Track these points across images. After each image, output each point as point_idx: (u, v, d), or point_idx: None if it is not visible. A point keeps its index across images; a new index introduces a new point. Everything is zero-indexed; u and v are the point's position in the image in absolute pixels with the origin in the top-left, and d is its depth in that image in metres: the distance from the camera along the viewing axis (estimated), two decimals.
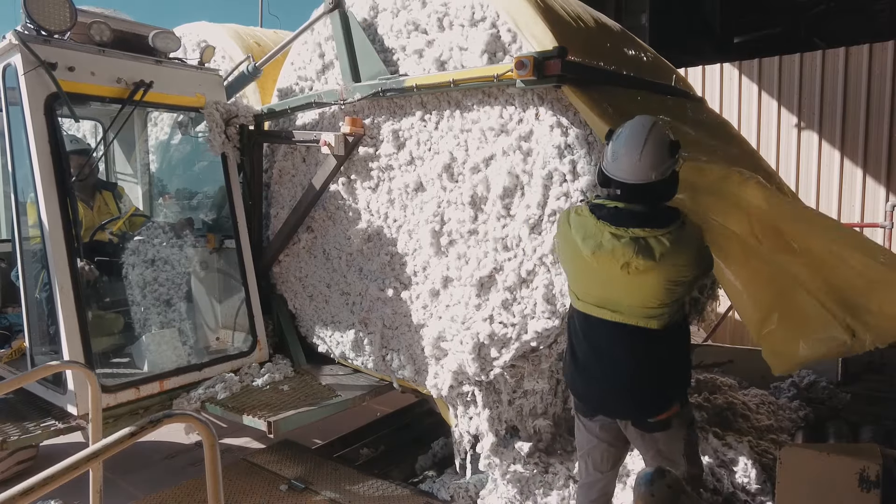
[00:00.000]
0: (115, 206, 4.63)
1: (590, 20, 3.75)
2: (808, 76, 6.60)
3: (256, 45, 5.28)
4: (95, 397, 2.92)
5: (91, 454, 1.73)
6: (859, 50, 6.27)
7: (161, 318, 4.30)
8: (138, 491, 3.95)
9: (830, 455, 2.47)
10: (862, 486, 2.36)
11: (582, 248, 2.43)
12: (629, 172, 2.40)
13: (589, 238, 2.41)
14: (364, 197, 4.04)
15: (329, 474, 3.83)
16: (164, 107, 4.53)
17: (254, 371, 4.31)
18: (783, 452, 2.56)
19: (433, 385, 3.68)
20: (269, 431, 3.53)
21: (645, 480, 2.63)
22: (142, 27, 4.25)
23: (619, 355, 2.54)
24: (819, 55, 6.49)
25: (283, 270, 4.67)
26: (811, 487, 2.47)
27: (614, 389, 2.59)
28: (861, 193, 6.44)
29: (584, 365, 2.64)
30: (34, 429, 3.56)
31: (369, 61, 3.82)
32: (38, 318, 3.97)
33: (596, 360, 2.60)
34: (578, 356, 2.66)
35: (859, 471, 2.37)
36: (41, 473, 1.60)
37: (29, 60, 3.56)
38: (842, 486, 2.39)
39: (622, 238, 2.35)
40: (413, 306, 3.81)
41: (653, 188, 2.40)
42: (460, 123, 3.50)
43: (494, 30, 3.32)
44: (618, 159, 2.42)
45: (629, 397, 2.58)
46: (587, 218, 2.46)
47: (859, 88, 6.29)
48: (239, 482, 3.72)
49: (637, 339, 2.48)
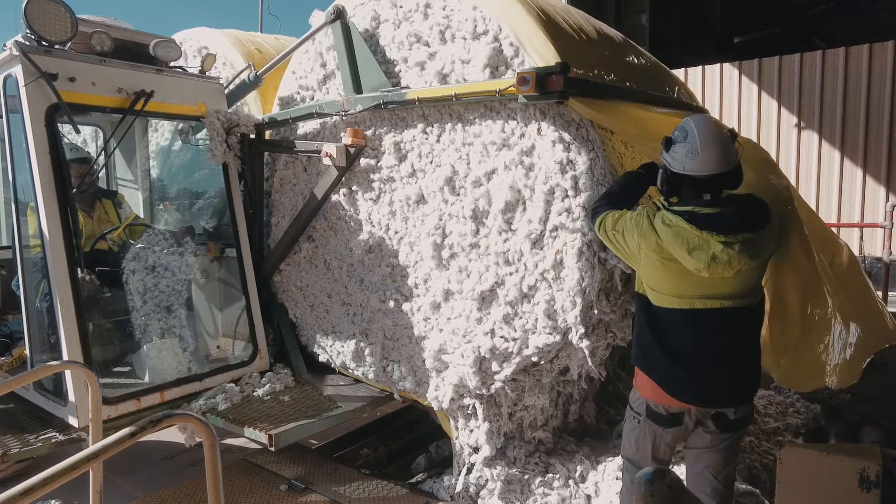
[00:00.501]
0: (115, 214, 4.63)
1: (592, 31, 3.74)
2: (808, 76, 6.60)
3: (258, 51, 5.27)
4: (95, 398, 2.92)
5: (91, 454, 1.73)
6: (859, 50, 6.26)
7: (161, 327, 4.30)
8: (138, 491, 3.95)
9: (830, 455, 2.49)
10: (862, 486, 2.38)
11: (690, 261, 2.38)
12: (716, 163, 2.41)
13: (697, 251, 2.36)
14: (365, 208, 4.03)
15: (329, 474, 3.84)
16: (165, 116, 4.52)
17: (254, 381, 4.31)
18: (783, 452, 2.57)
19: (434, 397, 3.68)
20: (269, 444, 3.53)
21: (645, 480, 2.65)
22: (143, 36, 4.24)
23: (732, 339, 2.56)
24: (819, 55, 6.49)
25: (284, 279, 4.66)
26: (811, 487, 2.49)
27: (731, 374, 2.57)
28: (861, 193, 6.45)
29: (692, 360, 2.55)
30: (35, 441, 3.55)
31: (371, 72, 3.81)
32: (38, 327, 3.97)
33: (707, 352, 2.55)
34: (682, 353, 2.56)
35: (859, 471, 2.38)
36: (41, 473, 1.60)
37: (30, 72, 3.55)
38: (842, 486, 2.41)
39: (734, 245, 2.34)
40: (414, 318, 3.81)
41: (736, 175, 2.48)
42: (462, 137, 3.49)
43: (497, 44, 3.31)
44: (698, 155, 2.42)
45: (746, 378, 2.62)
46: (685, 229, 2.38)
47: (859, 88, 6.29)
48: (239, 482, 3.73)
49: (747, 320, 2.57)
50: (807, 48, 6.93)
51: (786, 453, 2.57)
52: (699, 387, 2.56)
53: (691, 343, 2.56)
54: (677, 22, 11.00)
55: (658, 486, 2.58)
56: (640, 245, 2.52)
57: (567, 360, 3.29)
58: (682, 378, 2.57)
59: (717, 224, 2.36)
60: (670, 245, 2.41)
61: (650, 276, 2.59)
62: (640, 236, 2.50)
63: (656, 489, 2.57)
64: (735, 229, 2.36)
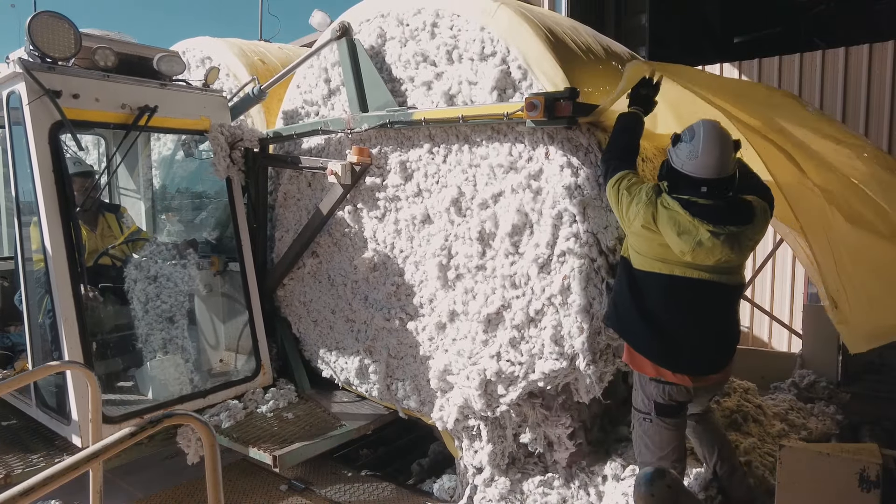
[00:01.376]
0: (118, 228, 4.60)
1: (600, 51, 3.72)
2: (808, 76, 6.55)
3: (261, 62, 5.24)
4: (95, 398, 2.92)
5: (91, 454, 1.73)
6: (859, 50, 6.22)
7: (165, 342, 4.27)
8: (138, 491, 3.93)
9: (830, 455, 2.49)
10: (862, 486, 2.38)
11: (677, 243, 2.59)
12: (714, 168, 2.59)
13: (685, 234, 2.57)
14: (370, 226, 4.01)
15: (329, 474, 3.86)
16: (168, 131, 4.50)
17: (258, 397, 4.30)
18: (783, 452, 2.56)
19: (439, 417, 3.67)
20: (274, 465, 3.52)
21: (645, 480, 2.65)
22: (146, 49, 4.20)
23: (707, 309, 2.75)
24: (819, 55, 6.45)
25: (288, 294, 4.65)
26: (811, 487, 2.49)
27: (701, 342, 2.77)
28: None
29: (665, 324, 2.76)
30: (38, 461, 3.54)
31: (377, 91, 3.79)
32: (41, 342, 3.95)
33: (681, 318, 2.75)
34: (657, 317, 2.77)
35: (859, 471, 2.39)
36: (41, 473, 1.60)
37: (33, 89, 3.52)
38: (842, 486, 2.41)
39: (720, 235, 2.55)
40: (419, 337, 3.80)
41: (733, 180, 2.65)
42: (469, 158, 3.47)
43: (505, 66, 3.28)
44: (698, 157, 2.60)
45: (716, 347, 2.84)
46: (679, 214, 2.59)
47: (859, 88, 6.24)
48: (239, 482, 3.74)
49: (724, 294, 2.76)
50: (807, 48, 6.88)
51: (786, 453, 2.57)
52: (678, 356, 2.77)
53: (667, 308, 2.76)
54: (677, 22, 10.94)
55: (658, 486, 2.59)
56: (638, 213, 2.69)
57: (574, 384, 3.28)
58: (660, 344, 2.77)
59: (708, 214, 2.58)
60: (663, 225, 2.62)
61: (637, 241, 2.79)
62: (644, 205, 2.68)
63: (656, 489, 2.58)
64: (724, 221, 2.57)
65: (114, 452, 1.77)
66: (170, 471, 4.28)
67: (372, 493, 3.62)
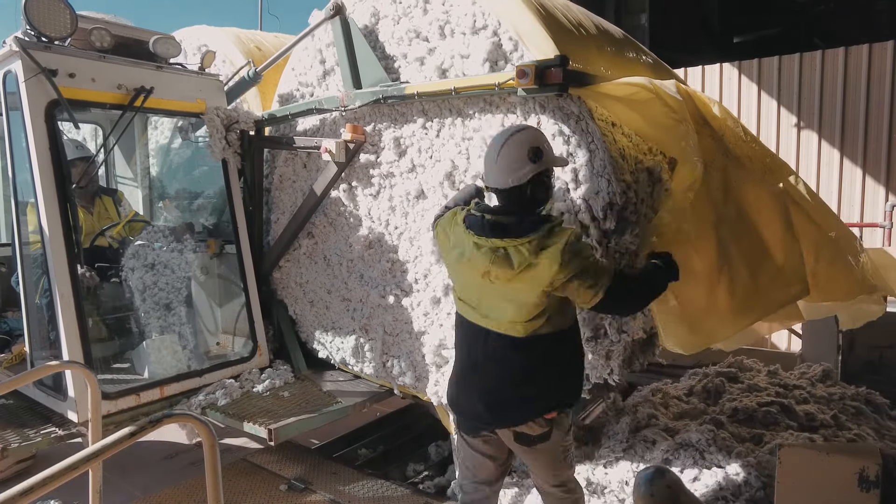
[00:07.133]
0: (115, 211, 4.63)
1: (591, 27, 3.74)
2: (808, 76, 6.58)
3: (257, 49, 5.27)
4: (95, 398, 2.93)
5: (91, 454, 1.73)
6: (859, 50, 6.26)
7: (161, 323, 4.30)
8: (138, 491, 3.95)
9: (830, 455, 2.49)
10: (862, 486, 2.39)
11: (448, 254, 2.57)
12: (489, 177, 2.51)
13: (457, 246, 2.52)
14: (365, 204, 4.03)
15: (329, 474, 3.85)
16: (164, 112, 4.52)
17: (254, 377, 4.31)
18: (783, 452, 2.56)
19: (434, 392, 3.68)
20: (269, 439, 3.53)
21: (645, 480, 2.64)
22: (142, 32, 4.24)
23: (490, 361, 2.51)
24: (819, 55, 6.48)
25: (284, 276, 4.66)
26: (811, 487, 2.49)
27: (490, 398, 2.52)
28: (861, 193, 6.44)
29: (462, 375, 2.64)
30: (34, 436, 3.55)
31: (370, 68, 3.82)
32: (38, 324, 3.97)
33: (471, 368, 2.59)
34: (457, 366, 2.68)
35: (859, 471, 2.40)
36: (41, 473, 1.60)
37: (30, 67, 3.55)
38: (842, 486, 2.42)
39: (482, 248, 2.41)
40: (414, 313, 3.81)
41: (520, 194, 2.43)
42: (462, 132, 3.49)
43: (496, 38, 3.31)
44: (483, 164, 2.54)
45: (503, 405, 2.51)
46: (459, 225, 2.54)
47: (859, 88, 6.28)
48: (239, 482, 3.74)
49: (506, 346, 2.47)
50: (807, 48, 6.92)
51: (786, 453, 2.57)
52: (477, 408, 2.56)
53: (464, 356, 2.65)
54: (677, 22, 11.00)
55: (658, 486, 2.59)
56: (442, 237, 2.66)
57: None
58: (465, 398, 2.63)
59: (475, 225, 2.47)
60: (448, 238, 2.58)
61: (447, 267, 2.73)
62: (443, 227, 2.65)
63: (656, 489, 2.58)
64: (487, 233, 2.41)
65: (114, 452, 1.77)
66: (170, 471, 4.31)
67: (372, 493, 3.62)
